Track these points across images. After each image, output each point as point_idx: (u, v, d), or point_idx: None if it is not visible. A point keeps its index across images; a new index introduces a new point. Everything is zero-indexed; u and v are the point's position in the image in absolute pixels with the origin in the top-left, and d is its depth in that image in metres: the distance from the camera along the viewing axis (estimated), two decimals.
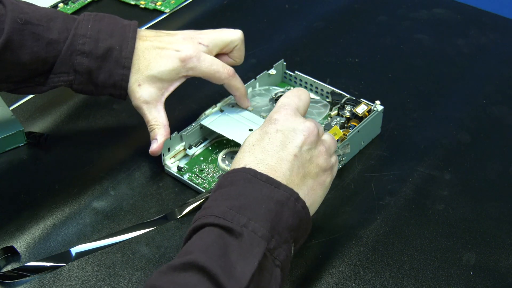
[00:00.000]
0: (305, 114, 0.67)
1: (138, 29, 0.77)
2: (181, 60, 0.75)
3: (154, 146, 0.76)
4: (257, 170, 0.59)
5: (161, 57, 0.75)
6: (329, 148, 0.65)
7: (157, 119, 0.76)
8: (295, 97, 0.66)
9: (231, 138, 0.78)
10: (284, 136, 0.62)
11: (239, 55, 0.80)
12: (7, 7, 0.71)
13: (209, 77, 0.77)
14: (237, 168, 0.60)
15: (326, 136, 0.66)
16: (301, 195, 0.60)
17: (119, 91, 0.76)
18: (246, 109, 0.81)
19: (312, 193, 0.62)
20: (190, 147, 0.80)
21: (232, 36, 0.79)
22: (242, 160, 0.61)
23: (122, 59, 0.74)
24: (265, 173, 0.59)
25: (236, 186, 0.58)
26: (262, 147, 0.61)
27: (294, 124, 0.63)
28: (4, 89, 0.75)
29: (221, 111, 0.81)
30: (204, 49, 0.76)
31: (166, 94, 0.77)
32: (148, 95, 0.75)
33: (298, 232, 0.58)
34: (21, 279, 0.68)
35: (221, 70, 0.77)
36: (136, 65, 0.75)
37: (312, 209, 0.63)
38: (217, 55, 0.79)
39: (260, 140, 0.62)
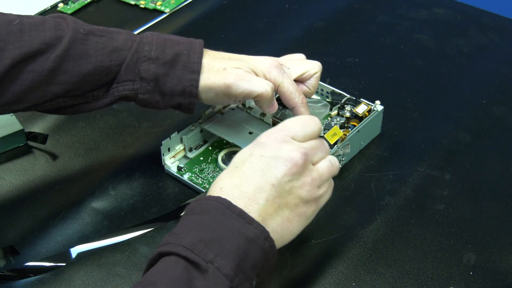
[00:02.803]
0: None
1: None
2: (268, 66, 0.72)
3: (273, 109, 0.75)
4: (231, 200, 0.58)
5: (245, 57, 0.73)
6: (318, 179, 0.62)
7: (250, 91, 0.71)
8: (299, 124, 0.63)
9: (231, 141, 0.78)
10: (266, 163, 0.60)
11: (315, 84, 0.76)
12: (69, 20, 0.69)
13: (286, 93, 0.73)
14: (212, 195, 0.59)
15: (322, 164, 0.63)
16: (274, 225, 0.59)
17: (188, 98, 0.71)
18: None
19: (287, 224, 0.61)
20: (190, 150, 0.80)
21: (313, 65, 0.76)
22: (221, 182, 0.60)
23: (191, 64, 0.70)
24: (239, 200, 0.58)
25: (208, 216, 0.57)
26: (242, 171, 0.60)
27: (279, 152, 0.60)
28: (60, 104, 0.70)
29: (222, 113, 0.81)
30: (285, 70, 0.74)
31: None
32: (236, 77, 0.71)
33: (262, 268, 0.58)
34: (21, 279, 0.68)
35: (297, 94, 0.73)
36: (215, 60, 0.72)
37: (286, 240, 0.62)
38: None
39: (243, 162, 0.61)
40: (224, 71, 0.71)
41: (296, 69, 0.75)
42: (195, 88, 0.70)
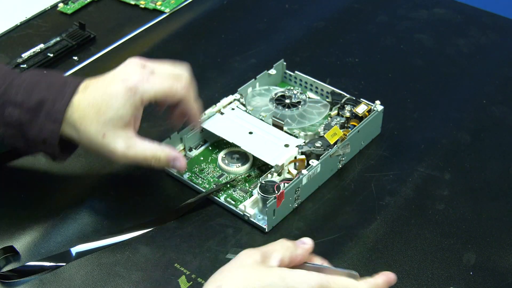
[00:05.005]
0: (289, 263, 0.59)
1: (85, 80, 0.69)
2: (130, 89, 0.67)
3: (183, 162, 0.71)
4: None
5: (109, 95, 0.67)
6: None
7: (152, 149, 0.70)
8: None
9: (231, 141, 0.78)
10: None
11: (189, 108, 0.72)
12: None
13: (166, 94, 0.69)
14: None
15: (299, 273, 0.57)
16: None
17: (51, 149, 0.68)
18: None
19: None
20: (190, 150, 0.80)
21: (176, 88, 0.70)
22: None
23: (53, 113, 0.67)
24: None
25: None
26: None
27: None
28: None
29: (222, 113, 0.81)
30: (150, 71, 0.69)
31: (135, 126, 0.70)
32: (122, 141, 0.68)
33: None
34: (21, 279, 0.68)
35: (175, 84, 0.70)
36: (87, 116, 0.67)
37: None
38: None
39: None
40: (104, 140, 0.67)
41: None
42: (54, 140, 0.67)
